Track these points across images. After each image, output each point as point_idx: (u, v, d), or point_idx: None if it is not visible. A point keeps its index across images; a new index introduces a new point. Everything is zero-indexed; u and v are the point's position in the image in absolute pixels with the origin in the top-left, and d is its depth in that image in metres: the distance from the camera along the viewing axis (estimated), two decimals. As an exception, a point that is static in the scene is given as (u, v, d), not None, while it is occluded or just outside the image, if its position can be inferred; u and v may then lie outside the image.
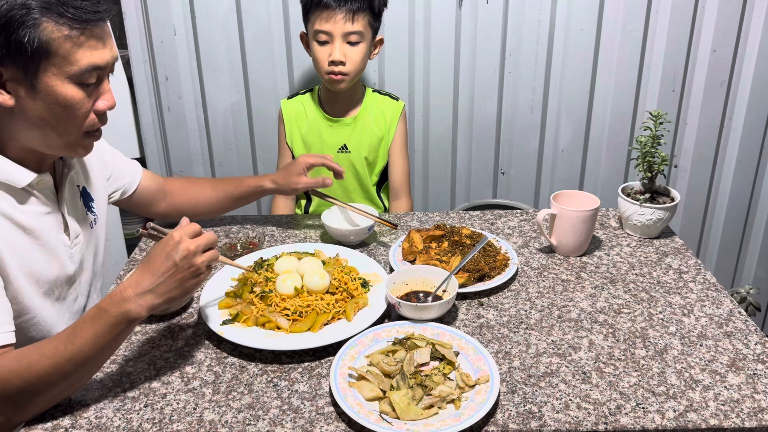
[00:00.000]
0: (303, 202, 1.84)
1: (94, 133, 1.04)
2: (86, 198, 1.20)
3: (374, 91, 1.77)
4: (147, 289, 0.93)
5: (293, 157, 1.77)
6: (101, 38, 0.97)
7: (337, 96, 1.69)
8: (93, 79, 0.97)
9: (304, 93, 1.78)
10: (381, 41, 1.68)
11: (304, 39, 1.67)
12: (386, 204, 1.85)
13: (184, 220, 1.01)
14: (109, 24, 0.99)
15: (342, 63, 1.57)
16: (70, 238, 1.12)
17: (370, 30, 1.60)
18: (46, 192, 1.08)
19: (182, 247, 0.94)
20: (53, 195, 1.10)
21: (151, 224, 1.04)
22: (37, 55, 0.91)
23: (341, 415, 0.94)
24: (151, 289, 0.93)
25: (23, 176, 1.02)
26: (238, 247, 1.40)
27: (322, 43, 1.58)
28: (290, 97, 1.78)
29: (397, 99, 1.77)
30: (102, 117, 1.03)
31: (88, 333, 0.91)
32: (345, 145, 1.73)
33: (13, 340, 0.96)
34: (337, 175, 1.44)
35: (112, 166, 1.31)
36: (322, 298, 1.16)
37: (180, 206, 1.43)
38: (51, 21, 0.91)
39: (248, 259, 1.31)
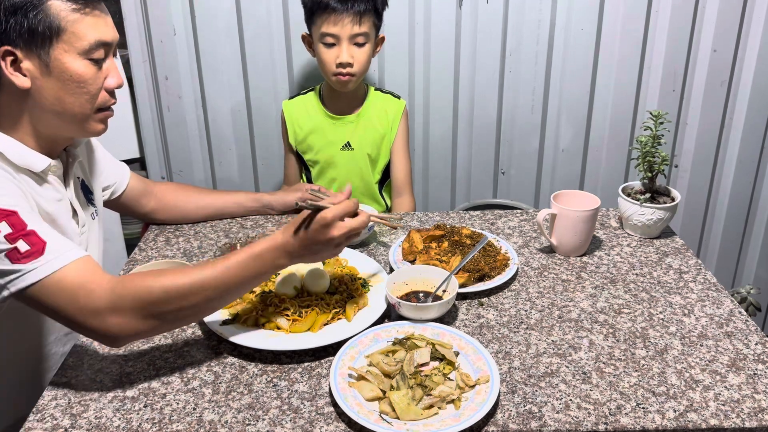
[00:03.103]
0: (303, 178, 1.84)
1: (107, 111, 1.09)
2: (86, 190, 1.23)
3: (376, 89, 1.78)
4: (297, 255, 1.02)
5: (298, 155, 1.79)
6: (103, 16, 1.03)
7: (340, 94, 1.70)
8: (101, 55, 1.03)
9: (305, 93, 1.78)
10: (382, 39, 1.70)
11: (307, 40, 1.67)
12: (388, 202, 1.85)
13: (348, 189, 1.10)
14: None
15: (350, 65, 1.58)
16: (79, 225, 1.16)
17: (375, 30, 1.61)
18: (56, 179, 1.11)
19: (329, 235, 1.00)
20: (62, 182, 1.13)
21: (310, 192, 1.15)
22: (49, 34, 0.97)
23: (341, 415, 0.94)
24: (300, 256, 1.02)
25: (40, 161, 1.05)
26: (238, 247, 1.39)
27: (329, 46, 1.58)
28: (291, 98, 1.79)
29: (399, 97, 1.78)
30: (112, 94, 1.08)
31: (239, 271, 0.98)
32: (348, 142, 1.73)
33: (84, 253, 0.99)
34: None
35: (102, 163, 1.33)
36: (322, 298, 1.16)
37: (169, 208, 1.48)
38: (57, 0, 0.96)
39: None
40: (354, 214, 1.03)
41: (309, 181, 1.82)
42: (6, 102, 1.01)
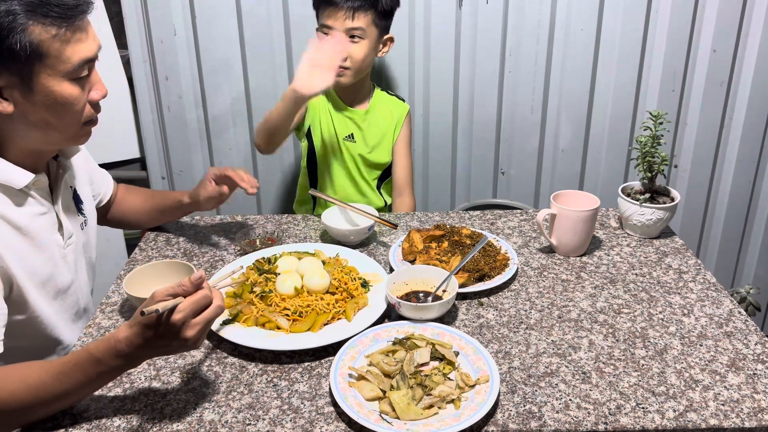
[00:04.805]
0: (309, 206, 1.85)
1: (92, 123, 1.06)
2: (77, 200, 1.21)
3: (382, 90, 1.79)
4: (142, 355, 0.90)
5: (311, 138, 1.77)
6: (86, 31, 0.98)
7: (346, 88, 1.70)
8: (85, 72, 0.99)
9: None
10: (391, 39, 1.70)
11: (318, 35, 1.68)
12: (387, 200, 1.86)
13: (197, 276, 0.90)
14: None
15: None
16: (64, 238, 1.13)
17: (375, 28, 1.62)
18: (41, 192, 1.09)
19: (181, 337, 0.88)
20: (48, 195, 1.11)
21: (154, 307, 0.86)
22: (30, 59, 0.92)
23: (341, 415, 0.94)
24: (146, 354, 0.91)
25: (21, 177, 1.02)
26: (258, 243, 1.41)
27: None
28: None
29: (403, 100, 1.79)
30: (96, 106, 1.05)
31: (79, 376, 0.89)
32: (352, 134, 1.74)
33: (0, 348, 0.96)
34: (245, 189, 1.34)
35: (92, 173, 1.33)
36: (322, 298, 1.16)
37: (116, 215, 1.44)
38: (38, 23, 0.91)
39: (265, 255, 1.33)
40: (208, 303, 0.90)
41: (310, 168, 1.81)
42: None
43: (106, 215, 1.43)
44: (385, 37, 1.67)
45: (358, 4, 1.56)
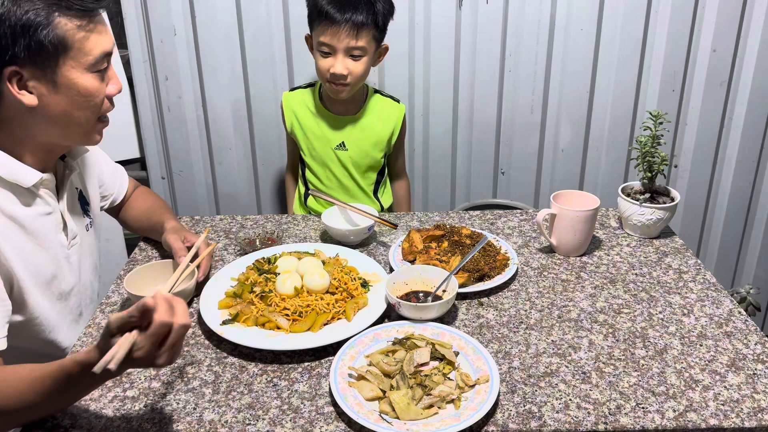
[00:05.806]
0: (302, 190, 1.84)
1: (104, 121, 1.08)
2: (82, 201, 1.22)
3: (377, 91, 1.77)
4: (120, 368, 0.83)
5: (300, 148, 1.77)
6: (104, 23, 1.02)
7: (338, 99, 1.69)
8: (105, 65, 1.02)
9: (305, 87, 1.77)
10: (386, 49, 1.67)
11: (309, 41, 1.65)
12: (384, 204, 1.85)
13: (151, 298, 0.81)
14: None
15: (344, 77, 1.56)
16: (68, 238, 1.14)
17: (374, 43, 1.58)
18: (48, 192, 1.09)
19: (153, 364, 0.82)
20: (55, 195, 1.11)
21: (102, 363, 0.78)
22: (56, 51, 0.95)
23: (341, 415, 0.94)
24: (124, 368, 0.85)
25: (30, 176, 1.03)
26: (257, 243, 1.40)
27: (325, 54, 1.56)
28: (292, 90, 1.77)
29: (398, 101, 1.77)
30: (111, 101, 1.07)
31: (62, 385, 0.86)
32: (343, 142, 1.73)
33: (3, 345, 0.97)
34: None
35: (105, 175, 1.33)
36: (321, 298, 1.16)
37: (121, 217, 1.45)
38: (62, 16, 0.94)
39: (265, 255, 1.33)
40: (167, 330, 0.80)
41: (303, 175, 1.81)
42: (5, 116, 1.00)
43: (118, 213, 1.44)
44: (381, 47, 1.64)
45: (362, 19, 1.50)
